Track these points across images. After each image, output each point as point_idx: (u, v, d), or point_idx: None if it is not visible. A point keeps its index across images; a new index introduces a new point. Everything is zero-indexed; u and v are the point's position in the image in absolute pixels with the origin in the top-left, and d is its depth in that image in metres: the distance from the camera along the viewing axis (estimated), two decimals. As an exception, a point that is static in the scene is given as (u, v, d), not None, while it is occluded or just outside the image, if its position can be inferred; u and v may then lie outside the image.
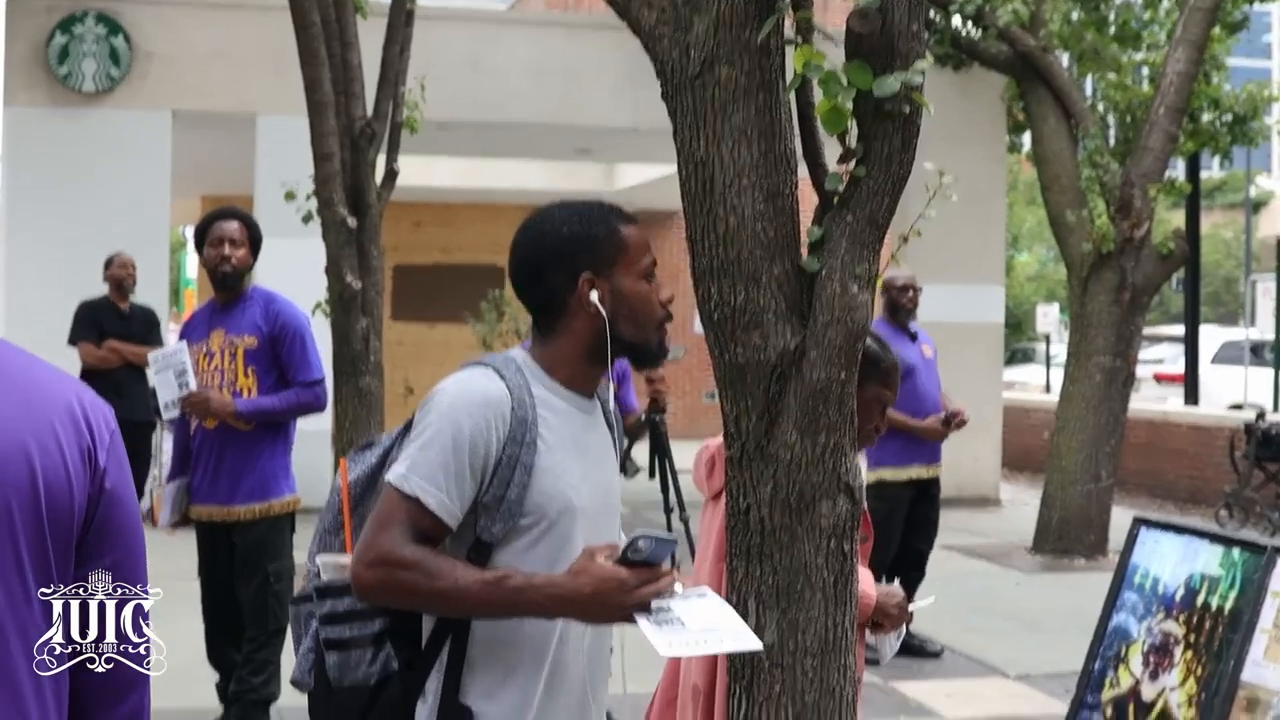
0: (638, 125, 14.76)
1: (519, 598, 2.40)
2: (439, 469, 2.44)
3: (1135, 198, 11.57)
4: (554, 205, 2.68)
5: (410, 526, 2.43)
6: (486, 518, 2.48)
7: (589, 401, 2.65)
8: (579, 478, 2.56)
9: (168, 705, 6.83)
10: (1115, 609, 3.70)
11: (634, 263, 2.63)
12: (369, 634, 2.53)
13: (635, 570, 2.37)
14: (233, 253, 6.00)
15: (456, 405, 2.47)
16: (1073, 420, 11.90)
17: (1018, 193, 36.10)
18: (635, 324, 2.61)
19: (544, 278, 2.61)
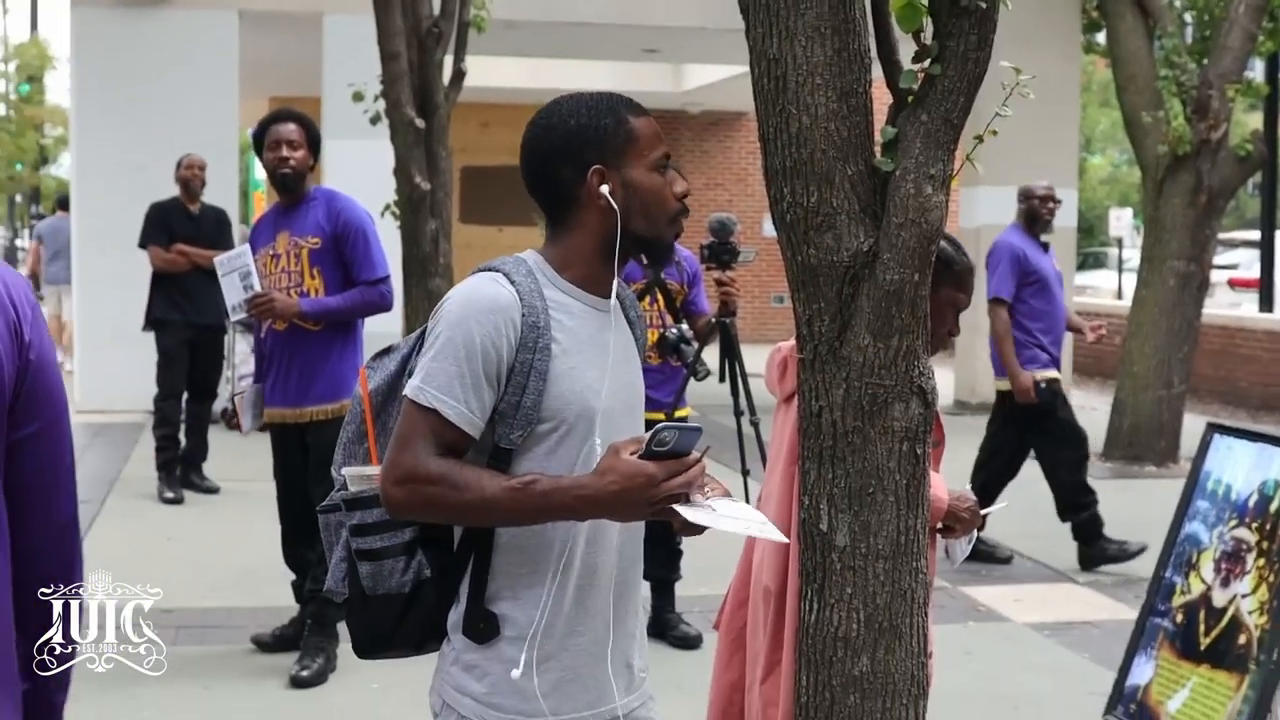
0: (706, 24, 14.62)
1: (546, 501, 2.39)
2: (454, 379, 2.42)
3: (1213, 98, 11.36)
4: (562, 98, 2.62)
5: (433, 439, 2.43)
6: (504, 425, 2.46)
7: (605, 300, 2.60)
8: (597, 379, 2.52)
9: (246, 603, 6.98)
10: (1187, 516, 3.68)
11: (644, 154, 2.56)
12: (400, 543, 2.54)
13: (662, 463, 2.35)
14: (291, 154, 6.01)
15: (465, 313, 2.45)
16: (1145, 326, 11.78)
17: (1091, 93, 35.55)
18: (647, 217, 2.56)
19: (553, 172, 2.56)
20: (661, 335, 6.27)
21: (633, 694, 2.68)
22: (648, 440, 2.34)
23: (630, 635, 2.67)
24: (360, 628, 2.63)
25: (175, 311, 9.42)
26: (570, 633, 2.54)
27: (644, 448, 2.35)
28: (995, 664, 6.44)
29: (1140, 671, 3.61)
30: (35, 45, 40.33)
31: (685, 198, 2.62)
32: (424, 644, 2.62)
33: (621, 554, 2.61)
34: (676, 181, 2.60)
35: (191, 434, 9.78)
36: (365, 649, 2.66)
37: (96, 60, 13.54)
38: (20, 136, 39.06)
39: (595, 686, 2.59)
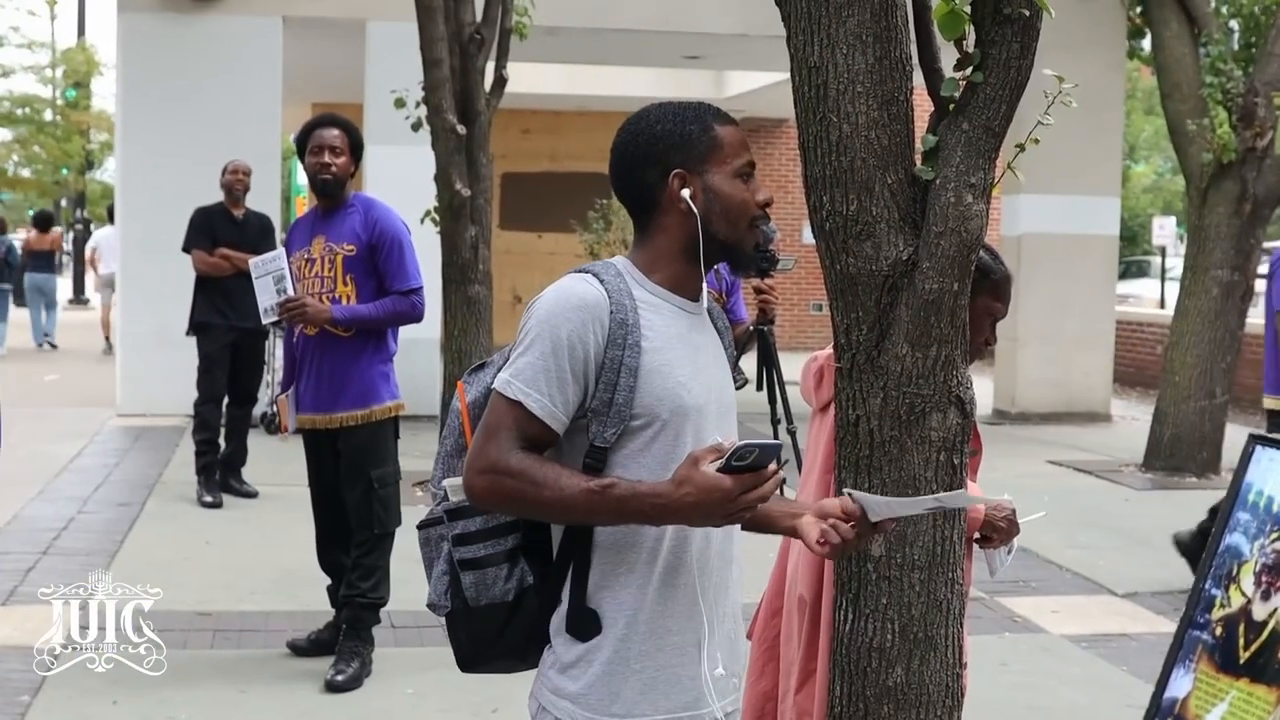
0: (748, 31, 14.61)
1: (623, 506, 2.42)
2: (540, 374, 2.46)
3: (1259, 106, 11.27)
4: (654, 105, 2.67)
5: (517, 432, 2.46)
6: (598, 422, 2.50)
7: (693, 303, 2.64)
8: (689, 376, 2.55)
9: (283, 608, 7.00)
10: (1228, 528, 3.64)
11: (727, 161, 2.59)
12: (502, 551, 2.57)
13: (738, 477, 2.36)
14: (333, 160, 6.03)
15: (554, 311, 2.49)
16: (1187, 335, 11.69)
17: (1135, 101, 35.34)
18: (728, 222, 2.58)
19: (638, 174, 2.61)
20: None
21: (727, 698, 2.67)
22: (728, 454, 2.35)
23: (727, 638, 2.67)
24: (464, 638, 2.64)
25: (217, 316, 9.46)
26: (664, 631, 2.56)
27: (724, 461, 2.36)
28: (1031, 676, 6.39)
29: (1178, 685, 3.58)
30: (82, 51, 40.66)
31: (768, 205, 2.64)
32: (527, 654, 2.64)
33: (718, 554, 2.63)
34: (760, 190, 2.62)
35: (231, 438, 9.82)
36: (469, 660, 2.68)
37: (142, 66, 13.63)
38: (66, 141, 39.37)
39: (692, 688, 2.59)
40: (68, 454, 11.43)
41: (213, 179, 9.93)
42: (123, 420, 13.29)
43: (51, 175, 41.79)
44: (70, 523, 8.84)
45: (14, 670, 5.89)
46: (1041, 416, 14.78)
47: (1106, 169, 15.16)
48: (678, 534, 2.54)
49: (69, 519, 8.94)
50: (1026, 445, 12.99)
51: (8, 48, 43.60)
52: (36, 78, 42.68)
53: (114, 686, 5.66)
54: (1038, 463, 12.07)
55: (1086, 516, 9.78)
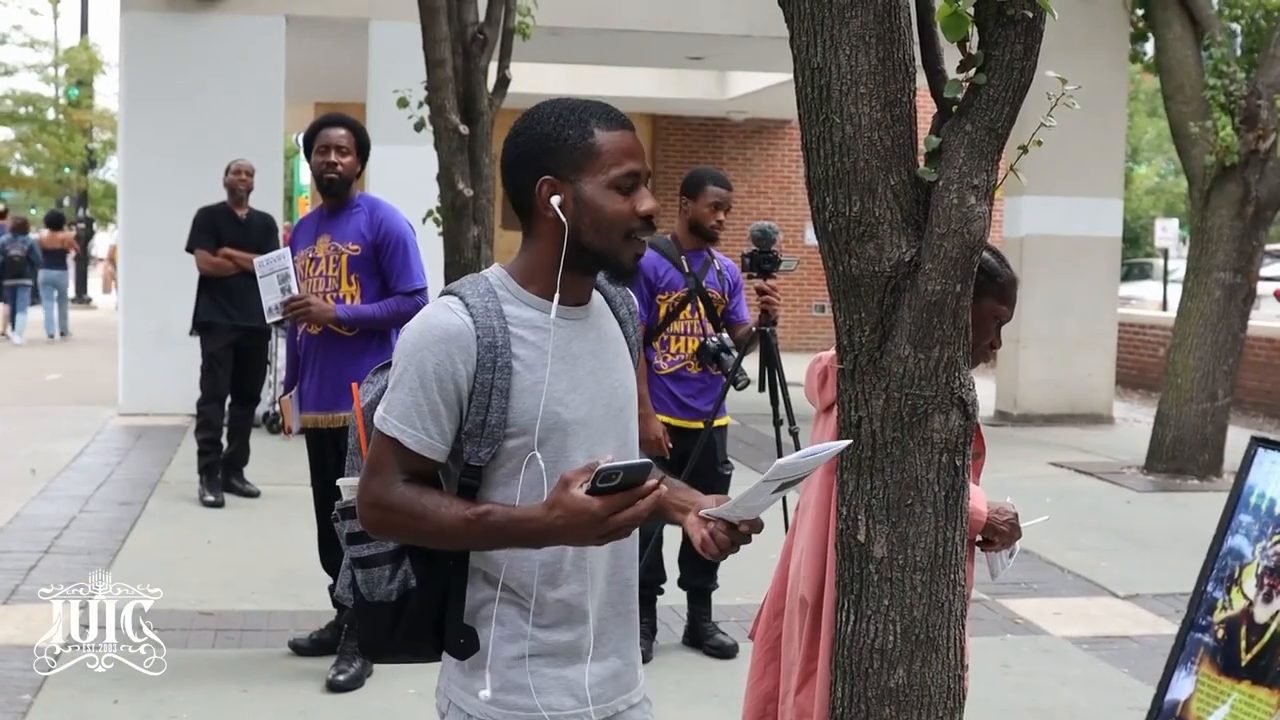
0: (750, 31, 14.61)
1: (500, 532, 2.45)
2: (411, 409, 2.47)
3: (1262, 108, 11.27)
4: (546, 103, 2.59)
5: (398, 466, 2.49)
6: (472, 444, 2.50)
7: (576, 309, 2.58)
8: (566, 390, 2.52)
9: (284, 607, 7.01)
10: (1229, 530, 3.64)
11: (603, 169, 2.49)
12: (386, 552, 2.59)
13: (606, 499, 2.35)
14: (339, 160, 6.04)
15: (419, 344, 2.48)
16: (1190, 337, 11.68)
17: (1138, 103, 35.35)
18: (598, 233, 2.50)
19: (516, 177, 2.55)
20: (702, 344, 6.27)
21: (633, 691, 2.70)
22: (593, 477, 2.35)
23: (628, 635, 2.68)
24: (364, 632, 2.69)
25: (221, 315, 9.47)
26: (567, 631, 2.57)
27: (591, 484, 2.35)
28: (1033, 678, 6.39)
29: (1180, 687, 3.57)
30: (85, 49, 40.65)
31: (649, 217, 2.55)
32: (419, 651, 2.64)
33: (614, 553, 2.63)
34: (643, 199, 2.53)
35: (234, 438, 9.83)
36: (370, 651, 2.75)
37: (145, 65, 13.64)
38: (69, 140, 39.38)
39: (609, 683, 2.62)
40: (69, 453, 11.44)
41: (215, 178, 9.94)
42: (124, 419, 13.29)
43: (54, 174, 41.78)
44: (72, 522, 8.84)
45: (15, 669, 5.89)
46: (1043, 418, 14.78)
47: (1109, 171, 15.16)
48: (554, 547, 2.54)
49: (70, 518, 8.94)
50: (1028, 447, 12.99)
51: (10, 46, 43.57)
52: (39, 76, 42.70)
53: (115, 685, 5.66)
54: (1039, 464, 12.08)
55: (1088, 518, 9.78)
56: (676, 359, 6.31)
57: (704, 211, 6.29)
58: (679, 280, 6.29)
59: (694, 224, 6.32)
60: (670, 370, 6.29)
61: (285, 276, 6.10)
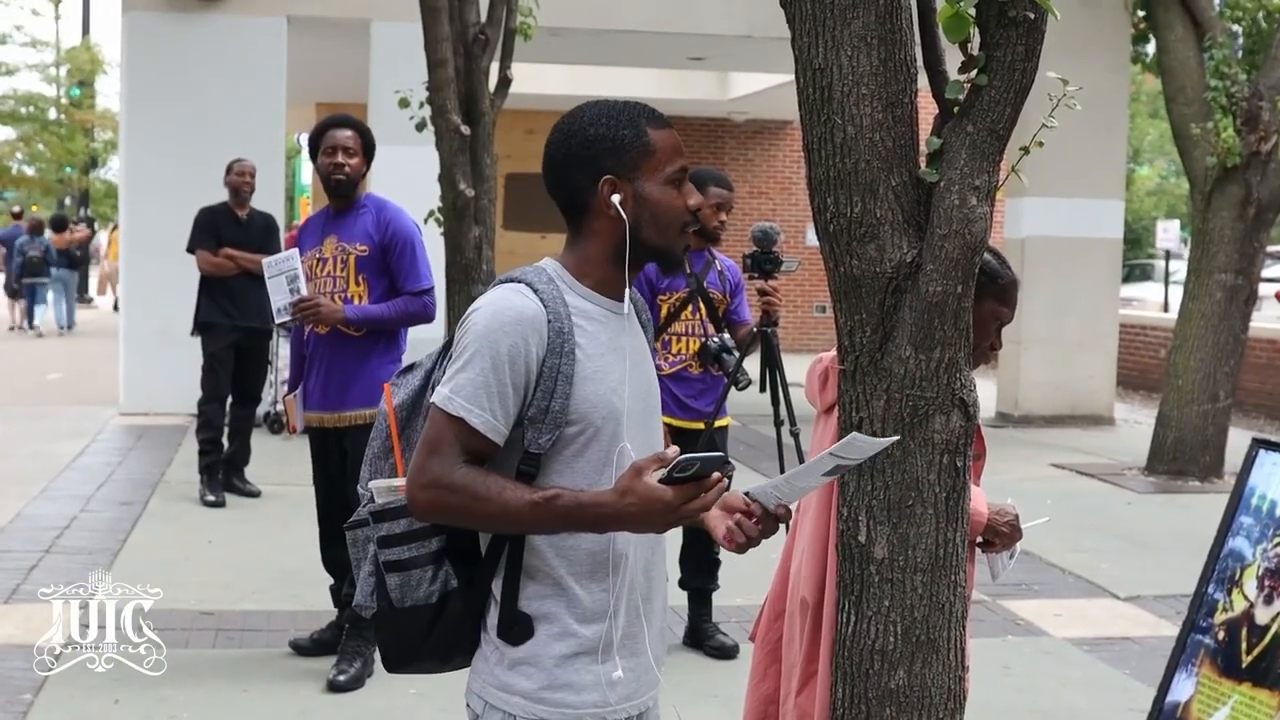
0: (752, 32, 14.61)
1: (568, 516, 2.46)
2: (480, 389, 2.48)
3: (1263, 110, 11.27)
4: (587, 105, 2.65)
5: (459, 447, 2.48)
6: (533, 430, 2.51)
7: (620, 305, 2.64)
8: (620, 381, 2.58)
9: (285, 607, 7.00)
10: (1230, 532, 3.64)
11: (659, 167, 2.59)
12: (427, 553, 2.58)
13: (680, 488, 2.40)
14: (346, 161, 6.05)
15: (493, 325, 2.50)
16: (1191, 339, 11.68)
17: (1140, 104, 35.36)
18: (657, 229, 2.59)
19: (570, 179, 2.61)
20: (703, 344, 6.27)
21: (657, 687, 2.72)
22: (670, 467, 2.39)
23: (659, 628, 2.70)
24: (389, 641, 2.65)
25: (222, 316, 9.47)
26: (606, 624, 2.58)
27: (667, 473, 2.39)
28: (1034, 679, 6.39)
29: (1180, 689, 3.57)
30: (86, 49, 40.69)
31: (698, 211, 2.65)
32: (452, 656, 2.65)
33: (649, 548, 2.67)
34: (691, 194, 2.63)
35: (235, 437, 9.82)
36: (395, 662, 2.69)
37: (146, 65, 13.64)
38: (70, 140, 39.40)
39: (634, 680, 2.63)
40: (70, 453, 11.44)
41: (216, 178, 9.94)
42: (125, 419, 13.29)
43: (55, 174, 41.82)
44: (73, 521, 8.84)
45: (16, 669, 5.89)
46: (1044, 419, 14.77)
47: (1110, 172, 15.16)
48: (611, 535, 2.57)
49: (71, 518, 8.94)
50: (1029, 448, 12.99)
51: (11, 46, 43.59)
52: (41, 76, 42.74)
53: (116, 685, 5.66)
54: (1040, 466, 12.07)
55: (1089, 520, 9.78)
56: (678, 359, 6.31)
57: (706, 212, 6.29)
58: (680, 281, 6.29)
59: None
60: (671, 371, 6.29)
61: (294, 278, 6.11)
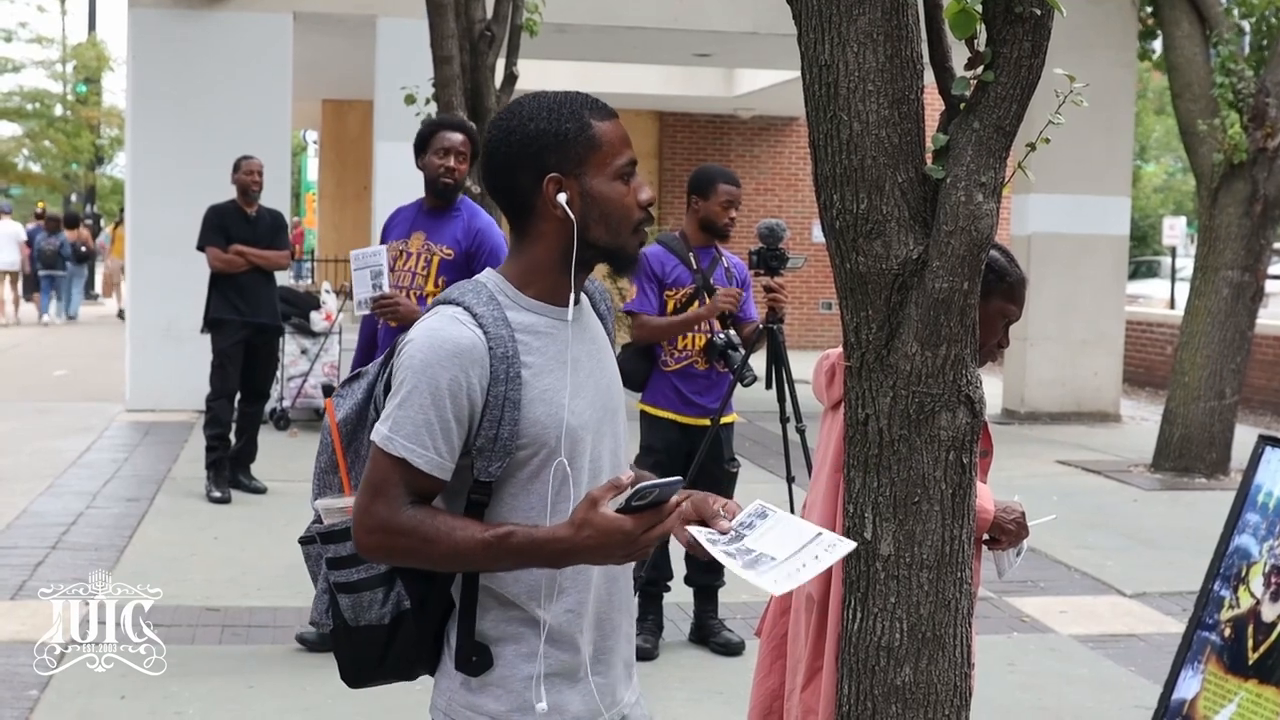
0: (758, 29, 14.61)
1: (522, 554, 2.36)
2: (421, 427, 2.36)
3: (1270, 106, 11.26)
4: (526, 98, 2.52)
5: (404, 488, 2.37)
6: (482, 460, 2.40)
7: (565, 309, 2.49)
8: (571, 395, 2.46)
9: (291, 603, 7.01)
10: (1237, 529, 3.64)
11: (606, 161, 2.44)
12: (377, 574, 2.49)
13: (639, 517, 2.30)
14: (457, 166, 6.12)
15: (430, 359, 2.36)
16: (1198, 335, 11.67)
17: (1146, 101, 35.28)
18: (607, 227, 2.45)
19: (511, 178, 2.46)
20: (709, 340, 6.27)
21: (630, 691, 2.65)
22: (628, 495, 2.30)
23: (628, 636, 2.63)
24: (346, 659, 2.58)
25: (232, 312, 9.50)
26: (575, 642, 2.51)
27: (625, 502, 2.30)
28: (1039, 676, 6.39)
29: (1187, 686, 3.57)
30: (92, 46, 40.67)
31: (649, 206, 2.51)
32: (412, 671, 2.59)
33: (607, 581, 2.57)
34: (642, 189, 2.49)
35: (242, 434, 9.83)
36: (353, 679, 2.62)
37: (152, 61, 13.64)
38: (76, 137, 39.39)
39: (609, 691, 2.56)
40: (76, 449, 11.45)
41: (223, 175, 9.94)
42: (132, 415, 13.31)
43: (61, 170, 41.83)
44: (79, 518, 8.85)
45: (22, 665, 5.90)
46: (1050, 416, 14.77)
47: (1117, 169, 15.14)
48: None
49: (77, 514, 8.95)
50: (1035, 445, 12.98)
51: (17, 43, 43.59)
52: (47, 73, 42.74)
53: (121, 681, 5.67)
54: (1046, 463, 12.07)
55: (1095, 517, 9.77)
56: (683, 355, 6.31)
57: (716, 210, 6.31)
58: (686, 277, 6.30)
59: (706, 222, 6.34)
60: (677, 367, 6.30)
61: (378, 273, 6.17)
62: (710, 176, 6.35)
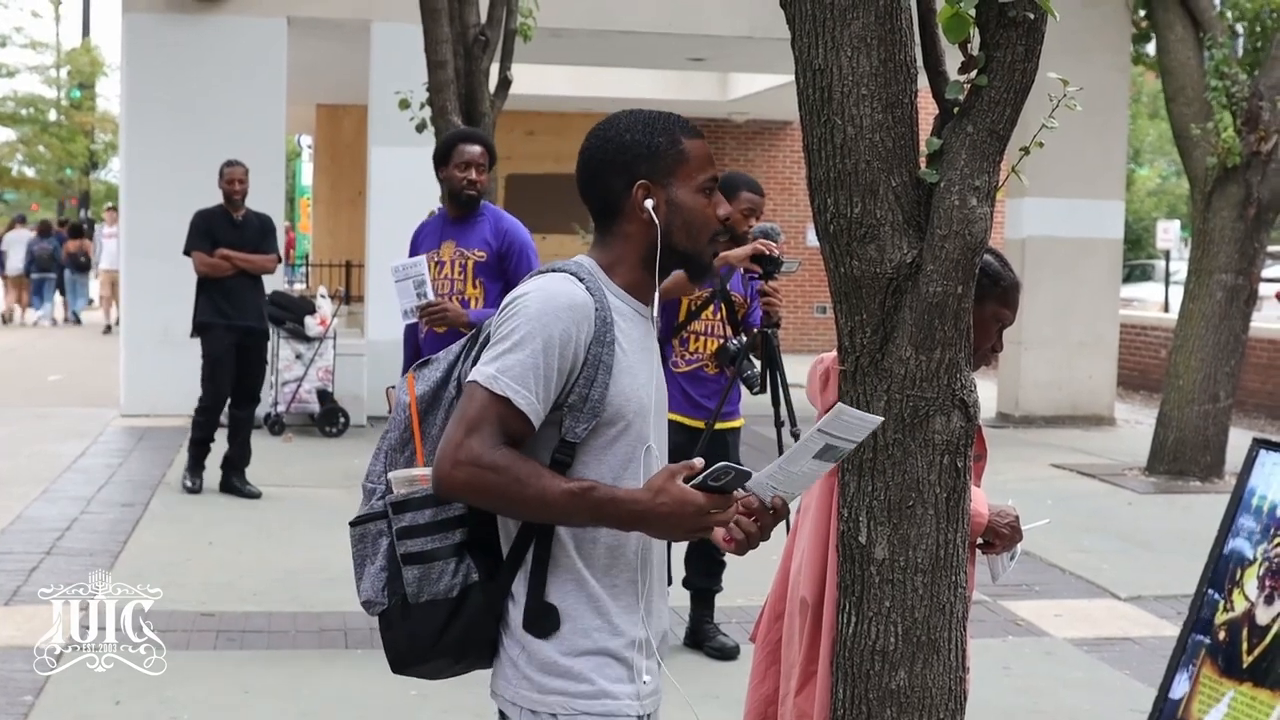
0: (752, 33, 14.62)
1: (600, 510, 2.46)
2: (529, 371, 2.48)
3: (1263, 110, 11.27)
4: (623, 112, 2.72)
5: (499, 427, 2.47)
6: (572, 418, 2.53)
7: (646, 308, 2.69)
8: (647, 379, 2.61)
9: (287, 608, 7.00)
10: (1231, 532, 3.64)
11: (692, 175, 2.65)
12: (450, 545, 2.57)
13: (710, 497, 2.43)
14: (478, 177, 6.38)
15: (546, 309, 2.51)
16: (1192, 339, 11.68)
17: (1140, 104, 35.35)
18: (688, 235, 2.64)
19: (603, 181, 2.66)
20: (722, 346, 6.30)
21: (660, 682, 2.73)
22: (706, 474, 2.41)
23: (664, 628, 2.73)
24: (400, 638, 2.61)
25: (219, 316, 9.51)
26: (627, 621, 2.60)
27: (701, 479, 2.41)
28: (1034, 680, 6.39)
29: (1181, 689, 3.57)
30: (86, 51, 40.69)
31: (727, 220, 2.69)
32: (464, 654, 2.62)
33: (660, 552, 2.69)
34: (721, 204, 2.68)
35: (234, 438, 9.83)
36: (404, 660, 2.64)
37: (147, 66, 13.64)
38: (70, 142, 39.39)
39: (654, 677, 2.65)
40: (71, 454, 11.44)
41: (216, 180, 9.94)
42: (126, 420, 13.30)
43: (55, 175, 41.81)
44: (74, 523, 8.84)
45: (17, 670, 5.89)
46: (1045, 420, 14.77)
47: (1111, 172, 15.16)
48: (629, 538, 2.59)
49: (72, 519, 8.94)
50: (1030, 449, 12.99)
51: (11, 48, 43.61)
52: (41, 78, 42.73)
53: (117, 687, 5.66)
54: (1041, 466, 12.07)
55: (1089, 520, 9.78)
56: (694, 358, 6.34)
57: (736, 217, 6.34)
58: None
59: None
60: (687, 369, 6.33)
61: (421, 282, 6.32)
62: (734, 183, 6.43)
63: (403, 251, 6.65)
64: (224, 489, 9.71)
